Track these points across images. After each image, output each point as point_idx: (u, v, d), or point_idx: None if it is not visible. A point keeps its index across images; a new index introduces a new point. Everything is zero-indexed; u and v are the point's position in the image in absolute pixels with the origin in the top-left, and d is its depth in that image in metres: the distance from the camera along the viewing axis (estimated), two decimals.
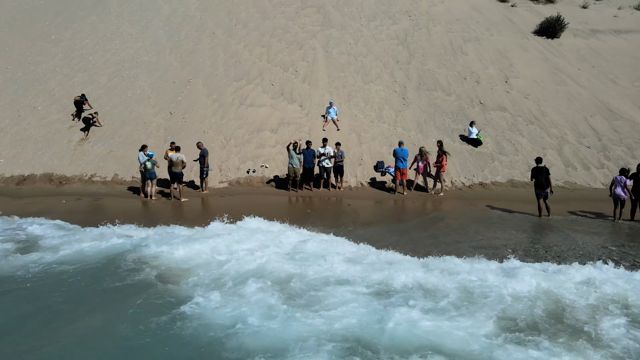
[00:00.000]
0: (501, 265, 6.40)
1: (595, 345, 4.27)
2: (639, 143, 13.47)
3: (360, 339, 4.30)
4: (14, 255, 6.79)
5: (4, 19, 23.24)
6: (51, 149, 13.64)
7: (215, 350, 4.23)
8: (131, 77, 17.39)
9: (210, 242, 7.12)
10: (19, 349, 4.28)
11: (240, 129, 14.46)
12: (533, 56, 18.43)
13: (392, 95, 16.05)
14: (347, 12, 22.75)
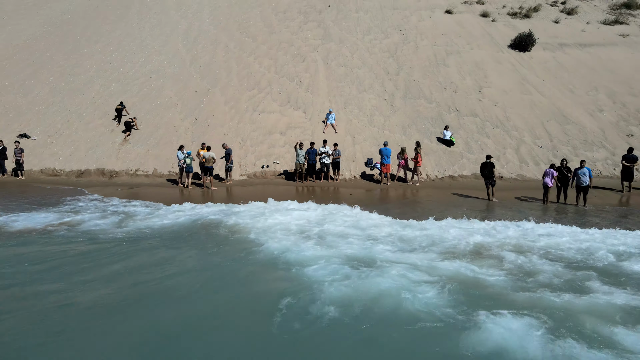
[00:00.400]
0: (456, 223, 9.43)
1: (498, 260, 7.17)
2: (583, 143, 16.48)
3: (355, 258, 7.27)
4: (131, 220, 9.73)
5: (39, 33, 26.27)
6: (100, 149, 16.67)
7: (280, 264, 7.13)
8: (158, 87, 20.41)
9: (255, 212, 10.18)
10: (153, 277, 7.11)
11: (254, 132, 17.47)
12: (505, 68, 21.44)
13: (381, 103, 19.07)
14: (345, 27, 25.78)
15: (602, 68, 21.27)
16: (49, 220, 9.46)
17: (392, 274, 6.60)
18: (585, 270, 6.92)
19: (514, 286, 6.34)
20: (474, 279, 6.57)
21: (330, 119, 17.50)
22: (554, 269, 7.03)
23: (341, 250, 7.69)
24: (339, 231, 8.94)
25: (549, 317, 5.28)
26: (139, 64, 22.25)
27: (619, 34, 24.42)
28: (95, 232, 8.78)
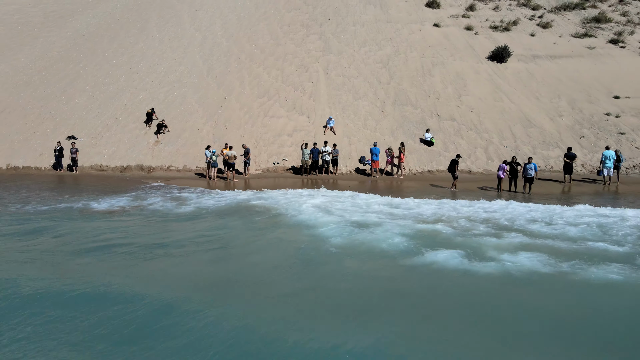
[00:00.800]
0: (428, 201, 12.75)
1: (451, 222, 10.41)
2: (541, 144, 19.79)
3: (354, 222, 10.57)
4: (187, 202, 13.02)
5: (69, 45, 29.60)
6: (136, 148, 20.01)
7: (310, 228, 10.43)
8: (181, 95, 23.75)
9: (278, 196, 13.55)
10: (218, 238, 10.42)
11: (266, 134, 20.80)
12: (482, 78, 24.76)
13: (374, 109, 22.39)
14: (343, 39, 29.09)
15: (566, 78, 24.58)
16: (123, 203, 12.78)
17: (378, 230, 9.95)
18: (504, 228, 10.28)
19: (455, 235, 9.69)
20: (432, 232, 9.93)
21: (330, 123, 20.81)
22: (484, 227, 10.38)
23: (344, 218, 11.06)
24: (341, 207, 12.28)
25: (471, 250, 8.61)
26: (162, 74, 25.59)
27: (586, 47, 27.72)
28: (164, 210, 12.13)
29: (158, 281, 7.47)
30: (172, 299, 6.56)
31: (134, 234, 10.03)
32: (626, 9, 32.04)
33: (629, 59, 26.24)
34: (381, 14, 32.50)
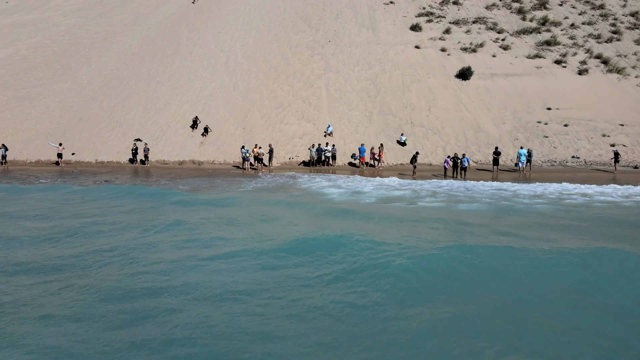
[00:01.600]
0: (392, 179, 20.15)
1: (407, 191, 17.72)
2: (485, 145, 27.18)
3: (351, 190, 17.97)
4: (242, 184, 20.41)
5: (119, 64, 37.02)
6: (187, 148, 27.44)
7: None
8: (215, 106, 31.17)
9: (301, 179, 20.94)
10: (266, 206, 17.75)
11: (282, 137, 28.20)
12: (449, 93, 32.15)
13: (363, 118, 29.80)
14: (340, 59, 36.49)
15: (514, 93, 31.98)
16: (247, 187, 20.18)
17: (365, 192, 17.38)
18: (442, 195, 17.68)
19: (409, 197, 17.08)
20: (393, 196, 17.34)
21: (329, 129, 28.22)
22: (425, 195, 17.79)
23: (344, 189, 18.46)
24: (342, 183, 19.75)
25: (408, 201, 16.00)
26: (198, 90, 33.03)
27: (535, 66, 35.11)
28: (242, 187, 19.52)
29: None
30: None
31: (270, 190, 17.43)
32: (574, 33, 39.42)
33: (567, 77, 33.64)
34: (372, 36, 39.93)
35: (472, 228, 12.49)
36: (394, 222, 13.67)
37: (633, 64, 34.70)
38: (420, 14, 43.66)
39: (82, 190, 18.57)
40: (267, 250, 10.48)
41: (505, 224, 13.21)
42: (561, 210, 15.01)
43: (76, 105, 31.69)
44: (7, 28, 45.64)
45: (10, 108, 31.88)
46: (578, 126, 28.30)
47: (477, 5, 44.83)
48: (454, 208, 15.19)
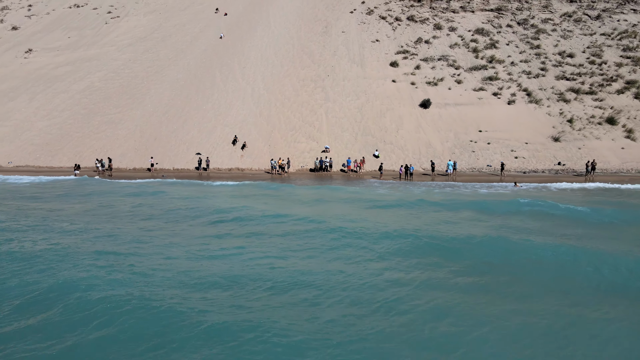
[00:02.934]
0: (370, 181, 33.87)
1: (377, 187, 31.31)
2: (432, 156, 40.88)
3: (343, 185, 31.74)
4: (282, 189, 34.10)
5: (172, 94, 50.73)
6: (233, 158, 41.20)
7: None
8: (248, 129, 44.89)
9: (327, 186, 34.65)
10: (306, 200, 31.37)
11: (295, 152, 41.95)
12: (413, 118, 45.86)
13: (352, 137, 43.54)
14: (337, 91, 50.21)
15: (459, 119, 45.69)
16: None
17: (347, 187, 31.14)
18: (387, 187, 31.47)
19: (374, 188, 30.83)
20: (368, 199, 31.12)
21: (328, 147, 41.98)
22: (384, 193, 31.59)
23: (341, 186, 32.20)
24: (336, 184, 33.50)
25: (367, 202, 29.77)
26: (234, 116, 46.78)
27: (478, 97, 48.81)
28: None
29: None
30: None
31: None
32: (512, 69, 53.11)
33: (499, 106, 47.32)
34: (361, 71, 53.71)
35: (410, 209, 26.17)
36: (358, 202, 27.30)
37: (548, 96, 48.42)
38: (399, 51, 57.46)
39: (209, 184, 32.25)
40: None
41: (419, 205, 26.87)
42: (449, 197, 28.62)
43: (149, 128, 45.48)
44: (78, 62, 59.47)
45: (102, 130, 45.66)
46: (497, 144, 42.08)
47: (443, 44, 58.64)
48: (385, 194, 28.81)
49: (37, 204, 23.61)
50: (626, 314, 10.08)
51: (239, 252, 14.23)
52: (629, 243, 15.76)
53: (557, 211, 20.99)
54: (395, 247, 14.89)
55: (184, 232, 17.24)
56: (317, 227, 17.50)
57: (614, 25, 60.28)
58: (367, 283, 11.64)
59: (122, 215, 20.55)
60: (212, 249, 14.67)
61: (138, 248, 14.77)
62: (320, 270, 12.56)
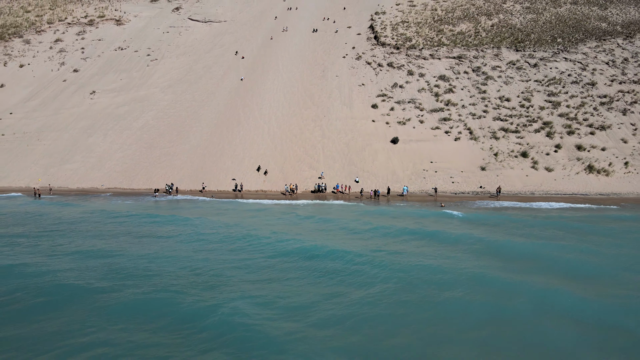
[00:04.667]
0: (352, 202, 52.65)
1: (351, 203, 49.91)
2: (395, 182, 59.65)
3: (338, 204, 50.55)
4: (294, 208, 52.84)
5: (210, 131, 69.54)
6: (258, 182, 59.99)
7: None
8: (267, 160, 63.68)
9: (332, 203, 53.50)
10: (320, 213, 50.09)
11: (301, 178, 60.75)
12: (385, 152, 64.56)
13: (340, 167, 62.36)
14: (331, 129, 68.96)
15: (418, 152, 64.40)
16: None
17: (337, 203, 50.02)
18: (364, 204, 50.39)
19: (354, 206, 49.70)
20: (353, 206, 50.02)
21: (322, 174, 60.82)
22: (361, 206, 50.49)
23: (332, 201, 51.06)
24: (328, 199, 52.35)
25: (338, 211, 48.65)
26: (256, 149, 65.58)
27: (433, 135, 67.48)
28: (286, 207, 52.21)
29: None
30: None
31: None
32: (462, 111, 71.76)
33: (448, 142, 65.99)
34: (349, 112, 72.55)
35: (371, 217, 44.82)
36: (352, 214, 45.98)
37: (485, 134, 67.09)
38: (379, 94, 76.29)
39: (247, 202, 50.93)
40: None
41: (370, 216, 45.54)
42: (392, 210, 47.22)
43: (196, 159, 64.32)
44: (133, 102, 78.35)
45: (163, 161, 64.47)
46: (441, 172, 60.82)
47: (413, 89, 77.45)
48: (365, 209, 47.30)
49: (166, 210, 42.43)
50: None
51: (274, 229, 32.97)
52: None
53: (455, 218, 39.72)
54: (365, 229, 33.64)
55: (249, 216, 36.01)
56: (314, 217, 36.25)
57: (546, 73, 79.16)
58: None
59: (219, 210, 39.32)
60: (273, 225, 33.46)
61: (242, 219, 33.53)
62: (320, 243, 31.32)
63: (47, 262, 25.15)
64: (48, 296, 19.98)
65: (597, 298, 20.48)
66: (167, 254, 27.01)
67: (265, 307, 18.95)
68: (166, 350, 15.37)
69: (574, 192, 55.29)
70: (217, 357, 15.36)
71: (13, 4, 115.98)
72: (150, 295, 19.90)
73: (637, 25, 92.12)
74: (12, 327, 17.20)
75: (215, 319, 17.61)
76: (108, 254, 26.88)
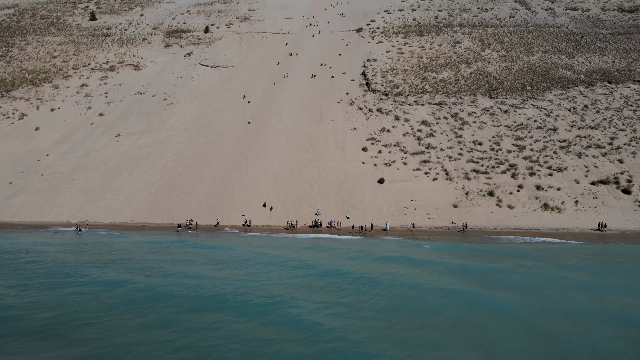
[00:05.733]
0: (343, 236, 63.68)
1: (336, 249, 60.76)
2: (378, 218, 70.82)
3: (327, 237, 61.55)
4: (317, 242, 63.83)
5: (221, 172, 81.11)
6: (264, 217, 71.13)
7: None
8: (271, 198, 74.95)
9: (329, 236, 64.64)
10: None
11: (300, 214, 71.80)
12: (372, 191, 75.85)
13: (334, 205, 73.58)
14: (326, 170, 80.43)
15: (400, 191, 75.71)
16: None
17: (331, 236, 61.10)
18: (352, 237, 61.44)
19: (339, 238, 60.75)
20: (339, 240, 61.05)
21: (318, 211, 72.05)
22: (347, 237, 61.54)
23: (327, 235, 62.12)
24: (327, 233, 63.46)
25: (335, 240, 59.66)
26: (262, 188, 76.91)
27: (414, 175, 78.94)
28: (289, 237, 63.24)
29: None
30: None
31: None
32: (440, 154, 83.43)
33: (426, 182, 77.29)
34: (342, 154, 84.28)
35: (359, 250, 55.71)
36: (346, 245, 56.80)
37: (459, 175, 78.51)
38: (368, 138, 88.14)
39: (257, 235, 61.76)
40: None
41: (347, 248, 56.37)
42: (375, 243, 58.07)
43: (211, 197, 75.60)
44: (153, 144, 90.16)
45: (182, 199, 75.71)
46: (420, 209, 71.97)
47: (399, 133, 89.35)
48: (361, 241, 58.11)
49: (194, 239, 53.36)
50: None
51: (278, 254, 43.91)
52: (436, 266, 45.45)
53: (423, 246, 50.77)
54: (350, 255, 44.54)
55: (261, 244, 46.90)
56: (314, 246, 47.22)
57: (515, 118, 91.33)
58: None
59: (243, 243, 50.24)
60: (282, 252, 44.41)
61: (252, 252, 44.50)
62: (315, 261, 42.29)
63: (155, 279, 36.43)
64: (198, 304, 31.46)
65: (520, 303, 32.22)
66: (237, 273, 38.69)
67: (326, 308, 30.55)
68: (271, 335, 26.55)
69: (529, 227, 66.48)
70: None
71: (40, 50, 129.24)
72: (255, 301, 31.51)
73: (599, 73, 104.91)
74: (183, 323, 28.65)
75: (285, 312, 29.26)
76: (173, 272, 38.31)
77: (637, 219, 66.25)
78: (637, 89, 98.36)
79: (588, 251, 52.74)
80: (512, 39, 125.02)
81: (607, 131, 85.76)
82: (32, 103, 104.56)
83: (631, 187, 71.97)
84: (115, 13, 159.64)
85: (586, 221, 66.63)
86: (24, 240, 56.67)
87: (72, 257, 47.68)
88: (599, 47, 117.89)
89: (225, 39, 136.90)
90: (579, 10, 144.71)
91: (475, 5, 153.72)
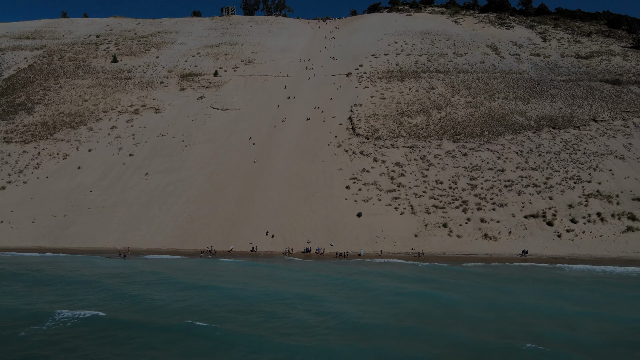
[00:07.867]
0: (329, 260, 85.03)
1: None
2: (355, 245, 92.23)
3: (315, 263, 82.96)
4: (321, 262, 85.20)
5: (232, 205, 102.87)
6: (265, 245, 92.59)
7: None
8: (272, 227, 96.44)
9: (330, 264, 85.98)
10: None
11: (295, 242, 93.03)
12: (352, 224, 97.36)
13: (321, 234, 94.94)
14: (317, 205, 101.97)
15: (373, 223, 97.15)
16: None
17: (316, 262, 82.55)
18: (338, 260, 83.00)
19: (326, 265, 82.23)
20: (325, 266, 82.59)
21: (309, 240, 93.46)
22: (331, 263, 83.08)
23: (314, 261, 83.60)
24: (315, 261, 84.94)
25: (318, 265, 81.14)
26: (265, 220, 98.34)
27: (386, 210, 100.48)
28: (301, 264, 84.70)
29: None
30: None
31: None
32: (409, 192, 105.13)
33: (396, 216, 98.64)
34: (330, 192, 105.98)
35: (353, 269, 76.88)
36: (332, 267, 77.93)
37: (422, 209, 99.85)
38: (351, 178, 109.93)
39: (264, 261, 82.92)
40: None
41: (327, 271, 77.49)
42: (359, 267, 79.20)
43: (225, 228, 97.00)
44: (176, 182, 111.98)
45: (202, 229, 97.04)
46: (388, 238, 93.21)
47: (376, 173, 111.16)
48: (335, 264, 79.15)
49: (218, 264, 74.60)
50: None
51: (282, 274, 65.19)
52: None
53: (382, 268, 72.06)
54: (330, 283, 65.78)
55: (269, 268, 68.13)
56: (305, 269, 68.40)
57: (471, 161, 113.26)
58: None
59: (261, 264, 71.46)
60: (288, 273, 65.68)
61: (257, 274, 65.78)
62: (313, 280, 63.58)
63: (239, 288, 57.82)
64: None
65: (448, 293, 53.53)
66: (273, 284, 59.62)
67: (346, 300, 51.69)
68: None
69: (470, 252, 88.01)
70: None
71: (72, 93, 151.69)
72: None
73: (546, 120, 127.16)
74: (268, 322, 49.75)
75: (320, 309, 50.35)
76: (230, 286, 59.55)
77: (554, 246, 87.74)
78: (576, 134, 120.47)
79: (480, 271, 73.77)
80: (479, 85, 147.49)
81: (545, 172, 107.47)
82: (72, 144, 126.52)
83: (554, 220, 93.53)
84: (134, 55, 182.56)
85: (514, 248, 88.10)
86: (103, 264, 77.90)
87: (181, 275, 68.93)
88: (550, 94, 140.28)
89: (232, 82, 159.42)
90: (541, 56, 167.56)
91: (452, 49, 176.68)
